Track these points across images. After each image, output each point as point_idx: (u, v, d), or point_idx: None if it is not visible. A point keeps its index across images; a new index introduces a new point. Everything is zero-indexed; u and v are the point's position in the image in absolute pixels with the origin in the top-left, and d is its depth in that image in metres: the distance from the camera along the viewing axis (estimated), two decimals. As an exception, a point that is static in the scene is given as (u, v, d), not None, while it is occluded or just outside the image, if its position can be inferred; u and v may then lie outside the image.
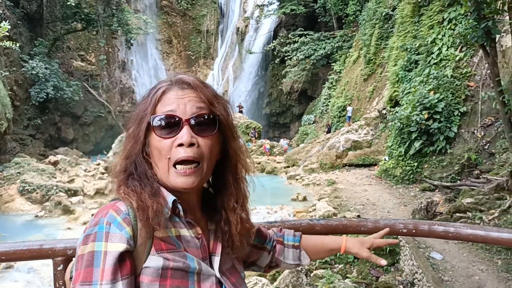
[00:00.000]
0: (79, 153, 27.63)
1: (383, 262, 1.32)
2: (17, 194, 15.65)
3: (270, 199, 15.73)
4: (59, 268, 1.52)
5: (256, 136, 29.07)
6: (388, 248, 7.50)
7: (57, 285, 1.52)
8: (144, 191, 1.02)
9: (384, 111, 18.92)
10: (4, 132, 19.54)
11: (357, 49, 26.53)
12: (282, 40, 35.06)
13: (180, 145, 1.02)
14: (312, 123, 31.07)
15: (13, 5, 27.65)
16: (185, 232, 1.05)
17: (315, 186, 16.26)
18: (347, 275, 7.83)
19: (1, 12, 25.15)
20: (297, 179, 18.24)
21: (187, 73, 1.15)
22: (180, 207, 1.04)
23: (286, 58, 34.27)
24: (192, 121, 1.03)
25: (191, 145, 1.02)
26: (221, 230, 1.12)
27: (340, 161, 19.02)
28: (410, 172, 13.30)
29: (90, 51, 37.46)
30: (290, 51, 33.23)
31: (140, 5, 43.24)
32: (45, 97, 28.63)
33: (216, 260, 1.09)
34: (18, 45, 19.56)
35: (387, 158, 15.36)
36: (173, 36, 46.35)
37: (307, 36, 32.85)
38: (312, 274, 7.66)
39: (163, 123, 1.03)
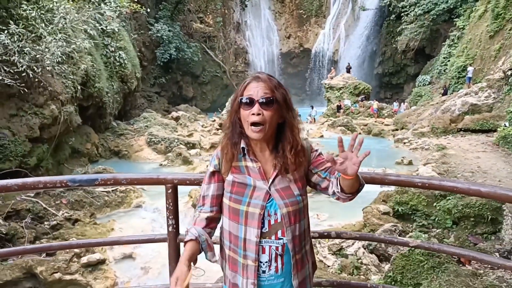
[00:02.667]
0: (197, 110, 30.18)
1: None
2: (145, 144, 17.96)
3: (375, 162, 15.80)
4: (168, 192, 2.36)
5: (365, 99, 28.50)
6: (489, 216, 7.42)
7: (167, 202, 2.38)
8: (230, 142, 1.82)
9: (510, 72, 17.16)
10: (134, 90, 22.15)
11: (484, 2, 23.84)
12: (399, -6, 32.91)
13: (253, 114, 1.72)
14: (428, 84, 29.22)
15: (140, -29, 30.35)
16: (250, 163, 1.83)
17: (423, 150, 15.82)
18: (444, 239, 7.92)
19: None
20: (404, 143, 17.86)
21: (262, 72, 1.84)
22: (246, 151, 1.81)
23: (402, 14, 32.21)
24: (261, 100, 1.73)
25: (258, 114, 1.72)
26: (279, 162, 1.80)
27: (454, 126, 17.99)
28: (532, 140, 12.24)
29: (208, 13, 39.57)
30: (408, 6, 31.13)
31: (254, -35, 43.83)
32: (168, 57, 31.48)
33: (270, 181, 1.80)
34: (144, 9, 21.49)
35: (507, 124, 14.21)
36: (286, -5, 46.33)
37: (428, -12, 30.35)
38: (407, 236, 7.94)
39: (245, 100, 1.76)
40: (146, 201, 11.18)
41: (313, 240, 6.77)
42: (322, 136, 22.02)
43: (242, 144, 1.81)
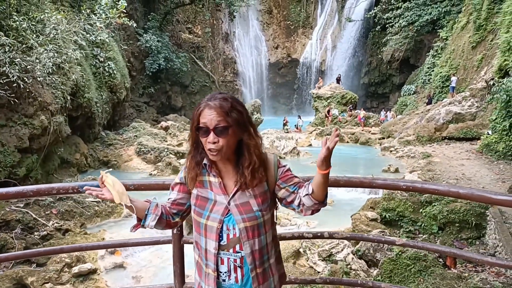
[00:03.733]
0: (186, 120, 30.19)
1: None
2: (135, 154, 17.94)
3: (362, 170, 16.07)
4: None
5: (352, 108, 28.93)
6: (474, 222, 7.65)
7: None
8: (193, 161, 1.90)
9: (492, 82, 17.65)
10: (123, 100, 22.16)
11: (466, 13, 24.52)
12: (384, 6, 33.56)
13: (209, 142, 1.77)
14: (413, 94, 29.80)
15: (130, -17, 30.54)
16: (212, 179, 1.90)
17: (409, 158, 16.14)
18: (430, 244, 8.10)
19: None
20: (391, 151, 18.19)
21: (216, 95, 1.85)
22: (208, 167, 1.90)
23: (387, 25, 32.87)
24: (215, 129, 1.76)
25: (214, 142, 1.77)
26: (240, 178, 1.86)
27: (439, 134, 18.40)
28: (514, 148, 12.60)
29: (197, 24, 39.86)
30: (392, 18, 31.76)
31: (242, -23, 44.38)
32: (157, 67, 31.57)
33: (230, 196, 1.87)
34: (133, 22, 21.64)
35: (490, 132, 14.61)
36: (274, 6, 46.93)
37: (411, 0, 31.02)
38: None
39: (201, 128, 1.79)
40: (137, 210, 11.21)
41: (304, 244, 6.85)
42: (310, 145, 22.28)
43: (205, 161, 1.90)
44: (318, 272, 6.81)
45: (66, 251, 2.89)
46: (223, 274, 1.88)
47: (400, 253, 5.37)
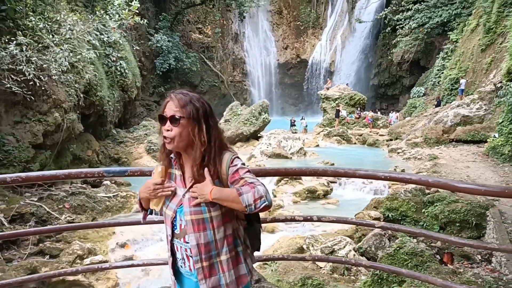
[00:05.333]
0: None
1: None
2: (145, 152, 18.32)
3: (368, 170, 16.19)
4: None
5: (360, 110, 29.04)
6: (474, 222, 7.81)
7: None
8: (163, 153, 2.05)
9: (500, 85, 17.70)
10: (134, 99, 22.57)
11: (476, 16, 24.51)
12: (394, 7, 33.59)
13: (164, 130, 1.93)
14: (422, 96, 29.80)
15: (142, -17, 30.98)
16: (176, 171, 2.06)
17: (416, 160, 16.25)
18: (431, 244, 8.29)
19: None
20: (398, 153, 18.29)
21: (182, 90, 2.02)
22: (172, 160, 2.05)
23: (398, 26, 32.89)
24: (169, 117, 1.91)
25: (167, 130, 1.92)
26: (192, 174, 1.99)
27: (446, 136, 18.48)
28: (520, 150, 12.69)
29: (207, 24, 40.23)
30: (403, 19, 31.77)
31: (253, -23, 44.69)
32: (167, 67, 31.98)
33: (186, 189, 2.01)
34: (145, 21, 22.01)
35: (496, 135, 14.68)
36: (284, 7, 47.12)
37: (422, 2, 31.02)
38: (396, 240, 8.30)
39: (161, 118, 1.95)
40: (146, 206, 11.52)
41: (307, 241, 7.07)
42: (317, 146, 22.44)
43: (172, 155, 2.06)
44: (321, 267, 7.03)
45: (92, 227, 3.14)
46: (179, 260, 2.07)
47: (398, 248, 5.57)
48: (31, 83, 10.55)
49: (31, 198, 10.01)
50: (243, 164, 2.02)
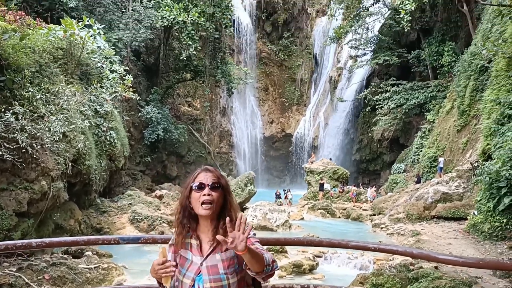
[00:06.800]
0: (180, 189, 30.47)
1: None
2: (128, 222, 18.02)
3: (353, 245, 16.20)
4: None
5: (343, 185, 29.58)
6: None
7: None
8: (180, 225, 2.23)
9: (476, 164, 18.50)
10: (121, 168, 22.60)
11: (451, 99, 26.16)
12: (374, 89, 35.60)
13: (204, 195, 2.14)
14: (403, 172, 30.65)
15: (135, 58, 32.50)
16: (193, 241, 2.22)
17: (399, 235, 16.42)
18: None
19: (127, 67, 29.70)
20: (381, 228, 18.47)
21: (205, 166, 2.30)
22: (191, 230, 2.22)
23: (377, 106, 34.62)
24: (210, 184, 2.16)
25: (208, 195, 2.14)
26: (215, 242, 2.15)
27: (428, 213, 18.85)
28: (499, 228, 13.04)
29: (196, 98, 41.71)
30: (382, 100, 33.53)
31: (242, 57, 47.40)
32: (156, 138, 32.50)
33: (204, 258, 2.16)
34: (137, 97, 22.76)
35: (476, 213, 15.10)
36: (270, 85, 49.57)
37: (399, 85, 33.06)
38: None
39: (197, 185, 2.17)
40: (128, 279, 11.23)
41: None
42: (302, 219, 22.49)
43: (189, 225, 2.23)
44: None
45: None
46: None
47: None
48: (23, 150, 10.73)
49: (9, 268, 9.72)
50: (254, 234, 2.23)
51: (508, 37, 17.83)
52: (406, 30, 29.57)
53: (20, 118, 10.71)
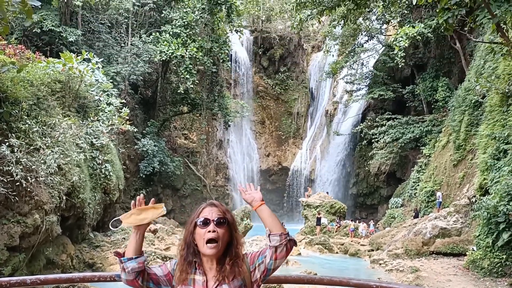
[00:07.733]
0: (175, 223, 30.10)
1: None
2: (121, 257, 17.64)
3: (351, 282, 15.85)
4: None
5: (340, 219, 29.30)
6: None
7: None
8: (185, 262, 2.17)
9: (474, 199, 18.43)
10: (115, 201, 22.38)
11: (446, 134, 26.35)
12: (369, 123, 35.90)
13: (209, 231, 2.10)
14: (400, 207, 30.44)
15: (133, 91, 32.82)
16: (198, 277, 2.16)
17: (398, 272, 16.10)
18: None
19: (124, 100, 29.92)
20: (380, 264, 18.14)
21: (210, 201, 2.28)
22: (197, 265, 2.17)
23: (373, 140, 34.79)
24: (216, 220, 2.13)
25: (213, 231, 2.10)
26: (220, 275, 2.14)
27: (426, 248, 18.58)
28: (499, 264, 12.83)
29: (193, 130, 41.87)
30: (378, 134, 33.74)
31: (239, 91, 47.99)
32: (151, 170, 32.32)
33: None
34: (134, 129, 22.88)
35: (475, 248, 14.89)
36: (266, 118, 49.95)
37: (395, 119, 33.39)
38: None
39: (202, 220, 2.13)
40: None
41: None
42: (300, 254, 22.07)
43: (195, 259, 2.18)
44: None
45: None
46: None
47: None
48: (17, 183, 10.62)
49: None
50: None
51: (500, 73, 18.21)
52: (400, 66, 30.17)
53: (15, 150, 10.65)
